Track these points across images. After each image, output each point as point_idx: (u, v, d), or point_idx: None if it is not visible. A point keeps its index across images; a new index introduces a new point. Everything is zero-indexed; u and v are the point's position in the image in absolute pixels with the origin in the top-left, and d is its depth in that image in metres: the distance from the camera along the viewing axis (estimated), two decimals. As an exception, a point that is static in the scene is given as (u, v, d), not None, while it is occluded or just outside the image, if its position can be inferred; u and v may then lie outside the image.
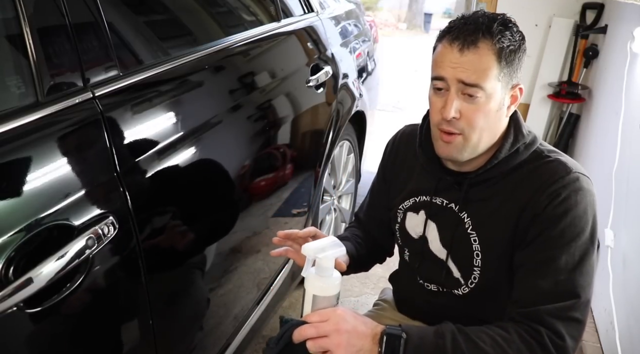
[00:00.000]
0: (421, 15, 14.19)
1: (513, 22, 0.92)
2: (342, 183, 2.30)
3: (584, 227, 0.88)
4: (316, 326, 0.82)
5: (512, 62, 0.90)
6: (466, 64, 0.89)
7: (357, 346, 0.83)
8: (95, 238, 0.79)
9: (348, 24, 2.29)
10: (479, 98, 0.89)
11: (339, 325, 0.82)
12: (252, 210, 1.35)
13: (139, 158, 0.93)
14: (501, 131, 0.95)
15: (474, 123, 0.91)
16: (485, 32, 0.89)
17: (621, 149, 1.92)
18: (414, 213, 1.08)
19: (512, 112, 0.96)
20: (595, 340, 1.85)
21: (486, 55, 0.89)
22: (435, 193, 1.03)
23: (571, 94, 3.05)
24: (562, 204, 0.88)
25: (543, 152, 0.96)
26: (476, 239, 0.97)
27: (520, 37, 0.92)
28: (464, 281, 1.01)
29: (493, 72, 0.89)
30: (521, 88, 0.94)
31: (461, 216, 0.99)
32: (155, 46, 1.12)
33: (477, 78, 0.89)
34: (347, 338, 0.82)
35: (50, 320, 0.75)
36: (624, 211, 1.79)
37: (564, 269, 0.87)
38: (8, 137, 0.72)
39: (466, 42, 0.89)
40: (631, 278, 1.62)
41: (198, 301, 1.17)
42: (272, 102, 1.44)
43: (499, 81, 0.90)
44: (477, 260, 0.98)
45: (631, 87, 2.01)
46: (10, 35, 0.78)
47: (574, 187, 0.89)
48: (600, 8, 2.96)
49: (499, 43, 0.89)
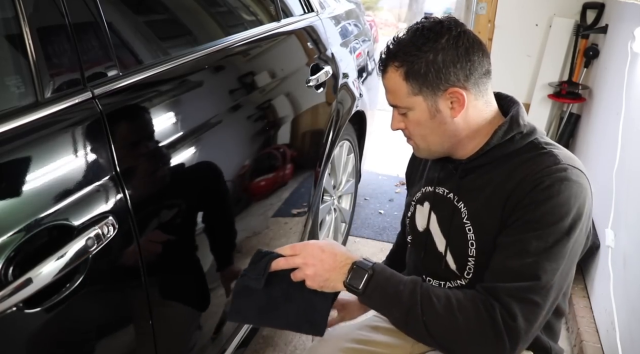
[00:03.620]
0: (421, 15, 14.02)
1: (434, 31, 0.92)
2: (342, 183, 2.30)
3: (563, 217, 0.88)
4: (287, 260, 0.96)
5: (425, 76, 0.92)
6: (385, 87, 0.99)
7: (324, 277, 0.95)
8: (95, 238, 0.79)
9: (348, 23, 2.29)
10: (407, 113, 0.97)
11: (307, 259, 0.95)
12: (252, 210, 1.35)
13: (139, 158, 0.93)
14: (461, 132, 0.97)
15: (413, 133, 1.00)
16: (389, 58, 0.95)
17: (621, 149, 1.92)
18: (421, 205, 1.10)
19: (467, 113, 0.95)
20: (596, 340, 1.85)
21: (393, 78, 0.95)
22: (437, 183, 1.06)
23: (571, 94, 3.05)
24: (544, 191, 0.88)
25: (540, 144, 0.96)
26: (470, 228, 0.98)
27: (437, 48, 0.91)
28: (459, 273, 1.01)
29: (404, 90, 0.95)
30: (458, 91, 0.93)
31: (458, 205, 1.01)
32: (155, 46, 1.12)
33: (393, 99, 0.98)
34: (314, 270, 0.95)
35: (50, 320, 0.75)
36: (624, 211, 1.78)
37: (533, 252, 0.88)
38: (8, 137, 0.72)
39: (380, 68, 0.98)
40: (631, 278, 1.62)
41: (198, 301, 1.17)
42: (272, 102, 1.44)
43: (417, 95, 0.94)
44: (472, 250, 0.98)
45: (632, 87, 2.00)
46: (10, 35, 0.78)
47: (559, 176, 0.89)
48: (601, 8, 2.95)
49: (403, 66, 0.93)
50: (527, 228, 0.89)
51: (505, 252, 0.90)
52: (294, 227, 1.69)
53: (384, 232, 2.74)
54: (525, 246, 0.88)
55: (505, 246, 0.91)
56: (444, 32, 0.92)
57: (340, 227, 2.39)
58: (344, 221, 2.41)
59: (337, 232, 2.34)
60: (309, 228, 1.85)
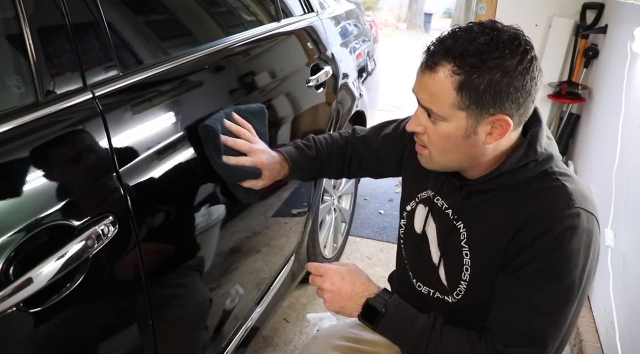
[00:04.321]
0: (421, 15, 14.18)
1: (510, 48, 0.80)
2: (342, 183, 2.30)
3: (573, 269, 0.85)
4: (312, 279, 1.04)
5: (482, 94, 0.81)
6: (423, 85, 0.86)
7: (340, 304, 1.00)
8: (95, 238, 0.79)
9: (348, 24, 2.29)
10: (438, 120, 0.86)
11: (326, 285, 1.00)
12: (252, 210, 1.35)
13: (139, 158, 0.93)
14: (485, 157, 0.89)
15: (434, 142, 0.89)
16: (447, 56, 0.81)
17: (621, 149, 1.92)
18: (423, 206, 1.06)
19: (499, 141, 0.87)
20: (596, 340, 1.85)
21: (442, 82, 0.82)
22: (438, 192, 1.01)
23: (571, 94, 3.05)
24: (554, 240, 0.84)
25: (554, 173, 0.89)
26: (468, 253, 0.95)
27: (508, 69, 0.79)
28: (450, 289, 1.00)
29: (449, 100, 0.83)
30: (506, 120, 0.83)
31: (457, 225, 0.96)
32: (155, 46, 1.12)
33: (430, 103, 0.85)
34: (332, 297, 1.00)
35: (50, 320, 0.75)
36: (624, 211, 1.79)
37: (542, 310, 0.86)
38: (8, 137, 0.72)
39: (428, 63, 0.84)
40: (631, 278, 1.62)
41: (198, 300, 1.17)
42: (272, 102, 1.44)
43: (462, 110, 0.83)
44: (466, 274, 0.96)
45: (631, 87, 2.01)
46: (10, 35, 0.78)
47: (570, 223, 0.83)
48: (600, 8, 2.96)
49: (462, 74, 0.80)
50: (535, 280, 0.86)
51: (512, 306, 0.88)
52: (294, 227, 1.69)
53: (384, 232, 2.74)
54: (534, 303, 0.86)
55: (510, 298, 0.89)
56: (519, 52, 0.80)
57: (340, 227, 2.39)
58: (344, 221, 2.41)
59: (337, 232, 2.34)
60: (309, 228, 1.85)
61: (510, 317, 0.89)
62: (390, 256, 2.50)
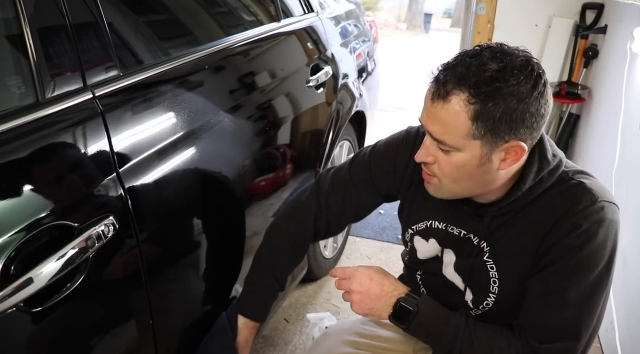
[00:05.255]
0: (421, 15, 14.19)
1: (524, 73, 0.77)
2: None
3: (600, 261, 0.85)
4: (338, 283, 1.00)
5: (498, 123, 0.77)
6: (434, 116, 0.81)
7: (369, 305, 0.97)
8: (95, 238, 0.79)
9: (348, 24, 2.29)
10: (450, 151, 0.82)
11: (354, 286, 0.97)
12: (252, 210, 1.35)
13: (139, 158, 0.93)
14: (498, 182, 0.87)
15: (446, 173, 0.85)
16: (460, 85, 0.77)
17: (621, 149, 1.92)
18: (422, 239, 1.03)
19: (513, 167, 0.84)
20: (595, 340, 1.85)
21: (455, 112, 0.78)
22: (450, 222, 0.97)
23: (571, 94, 3.05)
24: (582, 236, 0.84)
25: (567, 174, 0.89)
26: (493, 266, 0.94)
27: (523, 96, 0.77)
28: (474, 306, 0.99)
29: (464, 130, 0.79)
30: (521, 146, 0.80)
31: (481, 246, 0.94)
32: (155, 46, 1.12)
33: (443, 134, 0.81)
34: (360, 298, 0.97)
35: (50, 320, 0.75)
36: (624, 211, 1.78)
37: (572, 304, 0.86)
38: (8, 137, 0.72)
39: (440, 92, 0.79)
40: (631, 278, 1.62)
41: (198, 300, 1.17)
42: (272, 102, 1.44)
43: (477, 140, 0.80)
44: (494, 287, 0.95)
45: (631, 87, 2.01)
46: (10, 35, 0.78)
47: (597, 218, 0.84)
48: (600, 8, 2.96)
49: (477, 104, 0.77)
50: (564, 276, 0.86)
51: (543, 302, 0.88)
52: (294, 227, 1.69)
53: (384, 232, 2.74)
54: (564, 297, 0.86)
55: (542, 294, 0.89)
56: (533, 77, 0.78)
57: (340, 227, 2.39)
58: (343, 221, 2.40)
59: (336, 232, 2.34)
60: (308, 228, 1.85)
61: (542, 313, 0.88)
62: (390, 255, 2.50)
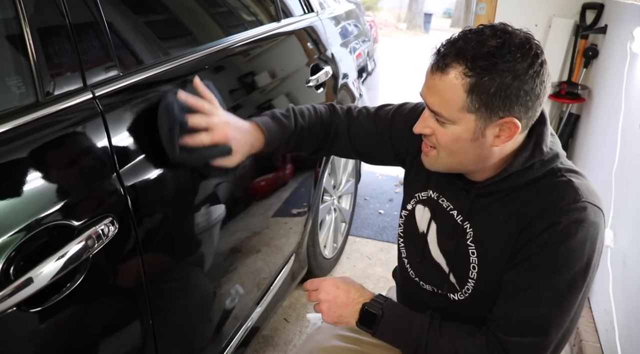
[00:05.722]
0: (421, 15, 14.19)
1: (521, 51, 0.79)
2: (342, 183, 2.30)
3: (577, 261, 0.85)
4: (308, 295, 1.05)
5: (492, 97, 0.80)
6: (432, 88, 0.85)
7: (337, 313, 1.00)
8: (95, 238, 0.79)
9: (348, 24, 2.29)
10: (445, 123, 0.86)
11: (321, 295, 1.01)
12: (252, 210, 1.35)
13: (139, 158, 0.93)
14: (491, 160, 0.89)
15: (443, 144, 0.88)
16: (459, 58, 0.80)
17: (621, 149, 1.92)
18: (422, 206, 1.05)
19: (507, 143, 0.87)
20: (595, 340, 1.85)
21: (452, 84, 0.81)
22: (442, 193, 1.00)
23: (571, 94, 3.05)
24: (559, 233, 0.84)
25: (560, 170, 0.90)
26: (474, 252, 0.95)
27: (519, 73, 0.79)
28: (459, 288, 1.00)
29: (459, 103, 0.82)
30: (514, 122, 0.83)
31: (464, 226, 0.96)
32: (155, 46, 1.12)
33: (439, 106, 0.85)
34: (328, 306, 1.00)
35: (50, 320, 0.75)
36: (624, 211, 1.79)
37: (545, 302, 0.87)
38: (8, 137, 0.72)
39: (439, 64, 0.83)
40: (631, 278, 1.62)
41: (198, 300, 1.17)
42: (272, 102, 1.44)
43: (471, 113, 0.83)
44: (473, 272, 0.96)
45: (631, 87, 2.01)
46: (10, 35, 0.78)
47: (577, 217, 0.84)
48: (600, 8, 2.96)
49: (473, 77, 0.80)
50: (540, 272, 0.87)
51: (516, 298, 0.89)
52: (294, 227, 1.69)
53: (384, 232, 2.74)
54: (538, 294, 0.87)
55: (515, 290, 0.90)
56: (530, 56, 0.80)
57: (340, 227, 2.39)
58: (344, 221, 2.41)
59: (337, 232, 2.34)
60: (309, 228, 1.85)
61: (514, 307, 0.89)
62: (390, 255, 2.50)
